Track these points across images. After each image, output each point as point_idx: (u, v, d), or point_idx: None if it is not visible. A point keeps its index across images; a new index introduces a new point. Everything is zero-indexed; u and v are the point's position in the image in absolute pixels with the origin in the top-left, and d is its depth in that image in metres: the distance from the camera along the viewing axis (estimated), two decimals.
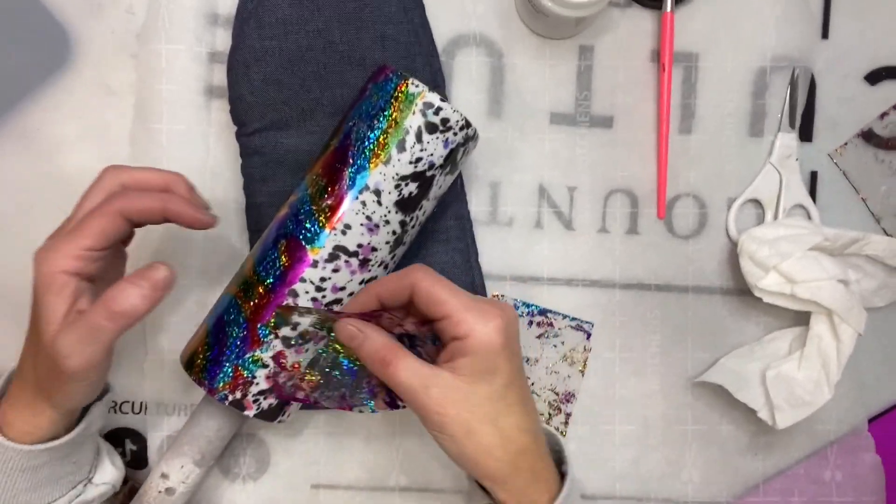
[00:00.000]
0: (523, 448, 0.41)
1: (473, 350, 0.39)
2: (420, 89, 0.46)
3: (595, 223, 0.57)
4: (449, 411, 0.39)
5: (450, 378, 0.39)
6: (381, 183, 0.46)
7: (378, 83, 0.47)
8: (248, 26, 0.53)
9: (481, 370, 0.39)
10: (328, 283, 0.47)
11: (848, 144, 0.57)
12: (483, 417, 0.40)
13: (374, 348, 0.41)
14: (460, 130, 0.47)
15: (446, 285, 0.41)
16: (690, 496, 0.57)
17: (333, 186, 0.46)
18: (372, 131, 0.46)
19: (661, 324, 0.57)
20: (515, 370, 0.41)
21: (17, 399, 0.44)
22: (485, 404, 0.40)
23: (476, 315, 0.39)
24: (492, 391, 0.40)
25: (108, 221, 0.42)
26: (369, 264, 0.48)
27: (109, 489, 0.49)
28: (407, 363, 0.40)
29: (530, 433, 0.41)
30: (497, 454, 0.40)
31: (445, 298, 0.40)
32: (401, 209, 0.47)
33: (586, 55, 0.56)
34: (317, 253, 0.46)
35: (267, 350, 0.47)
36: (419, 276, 0.41)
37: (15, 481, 0.43)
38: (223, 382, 0.47)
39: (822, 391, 0.53)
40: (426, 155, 0.46)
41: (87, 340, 0.40)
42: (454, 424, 0.39)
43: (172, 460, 0.50)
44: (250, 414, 0.47)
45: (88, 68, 0.55)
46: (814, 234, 0.53)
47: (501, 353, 0.40)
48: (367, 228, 0.46)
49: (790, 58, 0.57)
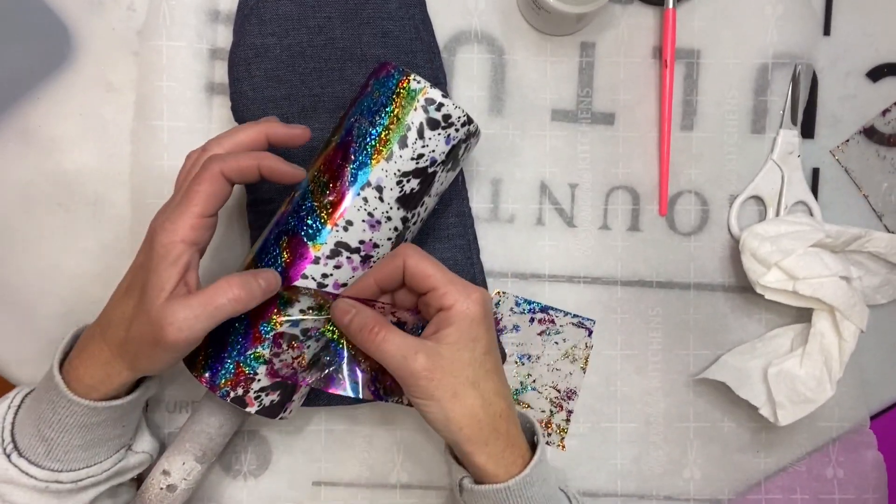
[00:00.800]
0: (501, 412, 0.44)
1: (457, 319, 0.43)
2: (422, 85, 0.46)
3: (596, 220, 0.57)
4: (435, 375, 0.42)
5: (435, 346, 0.43)
6: (383, 179, 0.46)
7: (379, 79, 0.47)
8: (249, 23, 0.53)
9: (464, 338, 0.43)
10: (330, 280, 0.46)
11: (850, 141, 0.57)
12: (466, 381, 0.43)
13: (363, 320, 0.44)
14: (462, 127, 0.47)
15: (432, 262, 0.44)
16: (692, 493, 0.57)
17: (335, 183, 0.46)
18: (374, 127, 0.46)
19: (663, 321, 0.57)
20: (492, 340, 0.45)
21: (95, 357, 0.45)
22: (467, 369, 0.43)
23: (459, 288, 0.44)
24: (473, 357, 0.43)
25: (212, 185, 0.44)
26: (371, 260, 0.47)
27: (147, 458, 0.51)
28: (394, 334, 0.43)
29: (505, 399, 0.45)
30: (479, 415, 0.43)
31: (431, 272, 0.44)
32: (402, 205, 0.47)
33: (588, 52, 0.56)
34: (318, 249, 0.46)
35: (268, 347, 0.46)
36: (408, 253, 0.44)
37: (72, 437, 0.45)
38: (225, 379, 0.47)
39: (824, 388, 0.53)
40: (428, 151, 0.46)
41: (201, 316, 0.42)
42: (441, 388, 0.42)
43: (174, 457, 0.50)
44: (252, 410, 0.47)
45: (89, 65, 0.55)
46: (816, 230, 0.53)
47: (482, 322, 0.44)
48: (369, 225, 0.46)
49: (792, 54, 0.57)
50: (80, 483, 0.46)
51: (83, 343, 0.46)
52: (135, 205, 0.55)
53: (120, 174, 0.55)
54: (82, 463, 0.46)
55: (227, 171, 0.44)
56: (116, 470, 0.48)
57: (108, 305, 0.46)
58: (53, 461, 0.45)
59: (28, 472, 0.44)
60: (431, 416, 0.43)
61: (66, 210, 0.55)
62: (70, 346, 0.47)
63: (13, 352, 0.55)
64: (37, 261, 0.55)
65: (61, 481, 0.45)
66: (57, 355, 0.46)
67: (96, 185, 0.55)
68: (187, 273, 0.43)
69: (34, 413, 0.45)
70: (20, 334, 0.56)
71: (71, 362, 0.45)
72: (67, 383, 0.44)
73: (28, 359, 0.55)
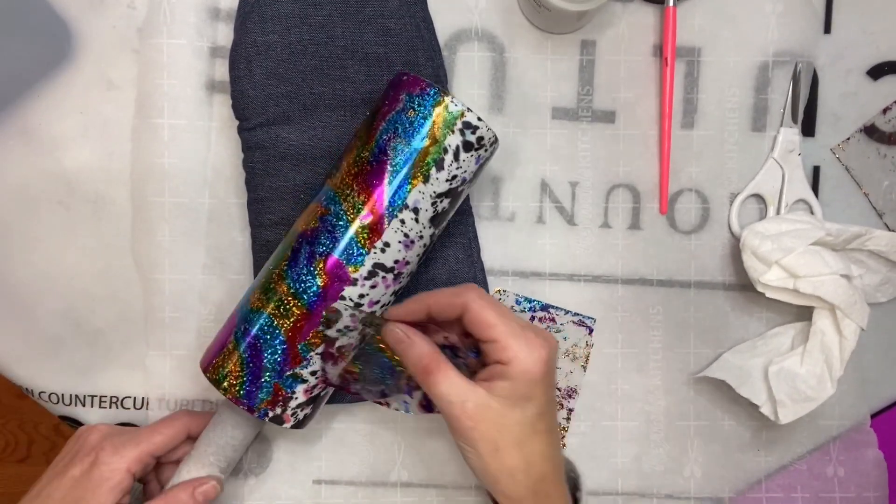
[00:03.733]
0: (544, 475, 0.42)
1: (514, 376, 0.41)
2: (460, 108, 0.46)
3: (597, 218, 0.57)
4: (480, 426, 0.41)
5: (486, 396, 0.41)
6: (420, 201, 0.46)
7: (413, 95, 0.46)
8: (249, 21, 0.53)
9: (518, 396, 0.41)
10: (365, 299, 0.47)
11: (850, 139, 0.57)
12: (511, 440, 0.41)
13: (418, 355, 0.43)
14: (490, 146, 0.48)
15: (497, 309, 0.42)
16: (693, 492, 0.57)
17: (372, 204, 0.46)
18: (411, 148, 0.46)
19: (664, 319, 0.57)
20: (549, 400, 0.42)
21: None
22: (515, 428, 0.41)
23: (522, 343, 0.41)
24: (524, 417, 0.41)
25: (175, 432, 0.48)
26: (401, 277, 0.48)
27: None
28: (447, 374, 0.42)
29: (552, 461, 0.43)
30: (519, 477, 0.42)
31: (495, 323, 0.41)
32: (433, 224, 0.47)
33: (588, 50, 0.56)
34: (357, 271, 0.46)
35: (306, 366, 0.47)
36: (472, 297, 0.42)
37: None
38: (263, 400, 0.47)
39: (825, 386, 0.53)
40: (461, 172, 0.47)
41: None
42: (483, 441, 0.41)
43: (197, 469, 0.49)
44: (288, 426, 0.48)
45: (89, 63, 0.55)
46: (816, 229, 0.53)
47: (540, 383, 0.41)
48: (404, 245, 0.47)
49: (792, 52, 0.57)
50: None
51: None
52: (135, 203, 0.55)
53: (120, 172, 0.55)
54: None
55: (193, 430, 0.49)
56: None
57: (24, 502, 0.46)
58: None
59: None
60: (471, 463, 0.42)
61: (67, 208, 0.55)
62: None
63: (13, 351, 0.55)
64: (37, 260, 0.55)
65: None
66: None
67: (97, 183, 0.55)
68: (123, 499, 0.45)
69: None
70: (20, 333, 0.56)
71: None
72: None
73: (28, 358, 0.55)
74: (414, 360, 0.43)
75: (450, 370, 0.42)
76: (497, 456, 0.41)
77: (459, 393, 0.41)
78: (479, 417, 0.41)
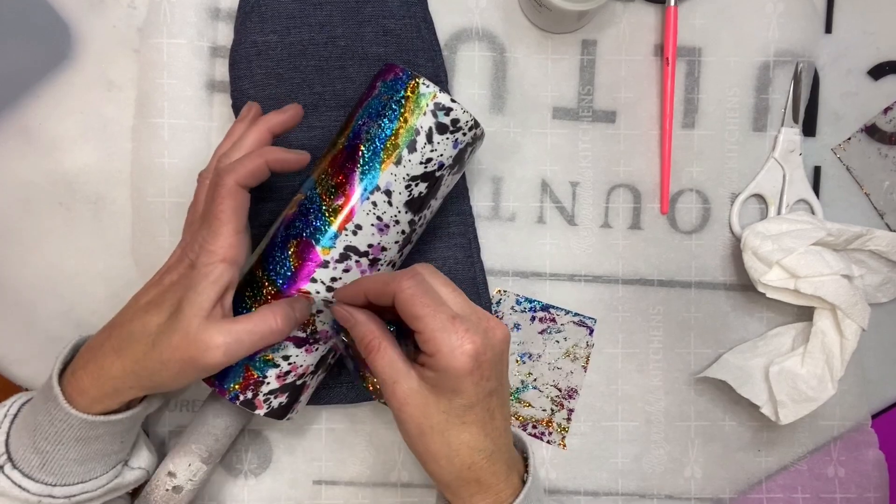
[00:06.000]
0: (471, 464, 0.42)
1: (438, 368, 0.40)
2: (431, 90, 0.45)
3: (598, 218, 0.57)
4: (406, 409, 0.41)
5: (416, 380, 0.41)
6: (392, 183, 0.46)
7: (387, 82, 0.47)
8: (250, 21, 0.53)
9: (443, 388, 0.41)
10: (339, 283, 0.46)
11: (851, 139, 0.57)
12: (435, 426, 0.41)
13: (361, 334, 0.43)
14: (469, 131, 0.47)
15: (427, 301, 0.41)
16: (693, 492, 0.57)
17: (344, 187, 0.46)
18: (382, 131, 0.46)
19: (664, 319, 0.57)
20: (482, 393, 0.41)
21: (105, 370, 0.43)
22: (439, 416, 0.41)
23: (447, 337, 0.40)
24: (450, 407, 0.41)
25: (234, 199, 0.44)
26: (379, 263, 0.47)
27: (143, 474, 0.50)
28: (386, 353, 0.42)
29: (483, 452, 0.42)
30: (442, 463, 0.42)
31: (420, 314, 0.40)
32: (410, 209, 0.47)
33: (589, 49, 0.56)
34: (328, 253, 0.46)
35: (278, 350, 0.46)
36: (404, 285, 0.41)
37: (68, 450, 0.44)
38: (235, 383, 0.46)
39: (826, 387, 0.53)
40: (436, 155, 0.46)
41: (245, 343, 0.42)
42: (409, 422, 0.41)
43: (179, 458, 0.50)
44: (261, 413, 0.47)
45: (90, 63, 0.55)
46: (817, 229, 0.53)
47: (466, 377, 0.40)
48: (378, 229, 0.46)
49: (793, 52, 0.57)
50: (73, 498, 0.45)
51: (90, 354, 0.45)
52: (136, 203, 0.55)
53: (121, 172, 0.55)
54: (77, 477, 0.45)
55: (241, 180, 0.44)
56: (112, 486, 0.47)
57: (122, 318, 0.45)
58: (48, 474, 0.44)
59: (21, 484, 0.43)
60: (404, 440, 0.43)
61: (67, 209, 0.55)
62: (71, 356, 0.46)
63: (13, 352, 0.55)
64: (37, 260, 0.55)
65: (54, 496, 0.44)
66: (57, 365, 0.45)
67: (97, 183, 0.55)
68: (225, 294, 0.43)
69: (31, 424, 0.44)
70: (20, 334, 0.55)
71: (75, 373, 0.44)
72: (68, 395, 0.44)
73: (28, 359, 0.55)
74: (358, 338, 0.43)
75: (389, 349, 0.42)
76: (422, 439, 0.41)
77: (392, 373, 0.41)
78: (406, 400, 0.41)
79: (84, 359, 0.45)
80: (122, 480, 0.48)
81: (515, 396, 0.57)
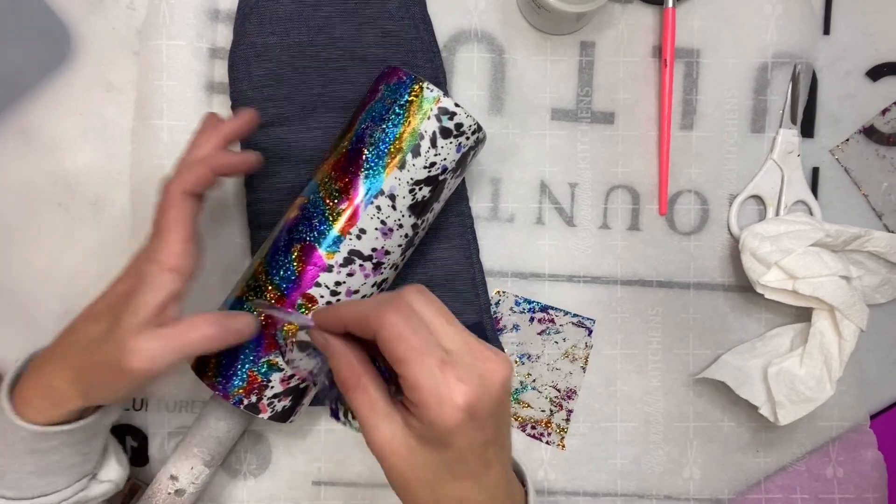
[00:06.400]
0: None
1: (424, 420, 0.34)
2: (435, 94, 0.45)
3: (596, 219, 0.57)
4: (389, 459, 0.36)
5: (400, 427, 0.36)
6: (396, 188, 0.46)
7: (391, 85, 0.46)
8: (249, 22, 0.53)
9: (430, 439, 0.35)
10: (343, 287, 0.46)
11: (850, 140, 0.57)
12: (421, 479, 0.36)
13: (338, 366, 0.37)
14: (472, 134, 0.47)
15: (414, 343, 0.34)
16: (692, 493, 0.57)
17: (348, 191, 0.46)
18: (386, 135, 0.46)
19: (663, 320, 0.57)
20: (476, 445, 0.35)
21: (48, 380, 0.43)
22: (426, 468, 0.35)
23: (435, 387, 0.34)
24: (439, 459, 0.35)
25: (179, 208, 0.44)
26: (382, 267, 0.48)
27: (112, 487, 0.49)
28: (365, 392, 0.36)
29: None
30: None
31: (405, 358, 0.34)
32: (413, 213, 0.47)
33: (587, 51, 0.56)
34: (332, 258, 0.46)
35: (282, 353, 0.46)
36: (388, 322, 0.34)
37: (23, 462, 0.43)
38: (238, 387, 0.46)
39: (824, 387, 0.53)
40: (440, 160, 0.46)
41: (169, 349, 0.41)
42: (392, 472, 0.36)
43: (182, 462, 0.50)
44: (265, 417, 0.47)
45: (89, 65, 0.55)
46: (815, 230, 0.53)
47: (457, 431, 0.34)
48: (382, 233, 0.46)
49: (792, 54, 0.57)
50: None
51: (38, 364, 0.44)
52: (135, 204, 0.55)
53: (120, 174, 0.55)
54: (38, 490, 0.44)
55: (186, 188, 0.44)
56: (77, 500, 0.46)
57: (72, 328, 0.45)
58: (6, 488, 0.44)
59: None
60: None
61: (66, 210, 0.55)
62: (24, 368, 0.46)
63: (13, 352, 0.55)
64: (37, 261, 0.55)
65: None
66: (8, 377, 0.45)
67: (96, 184, 0.55)
68: (168, 304, 0.42)
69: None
70: (20, 334, 0.56)
71: (22, 384, 0.44)
72: (16, 407, 0.43)
73: None
74: (335, 370, 0.38)
75: (368, 387, 0.36)
76: (408, 492, 0.36)
77: (371, 416, 0.36)
78: (388, 448, 0.35)
79: (32, 369, 0.44)
80: (89, 493, 0.47)
81: (515, 397, 0.57)
